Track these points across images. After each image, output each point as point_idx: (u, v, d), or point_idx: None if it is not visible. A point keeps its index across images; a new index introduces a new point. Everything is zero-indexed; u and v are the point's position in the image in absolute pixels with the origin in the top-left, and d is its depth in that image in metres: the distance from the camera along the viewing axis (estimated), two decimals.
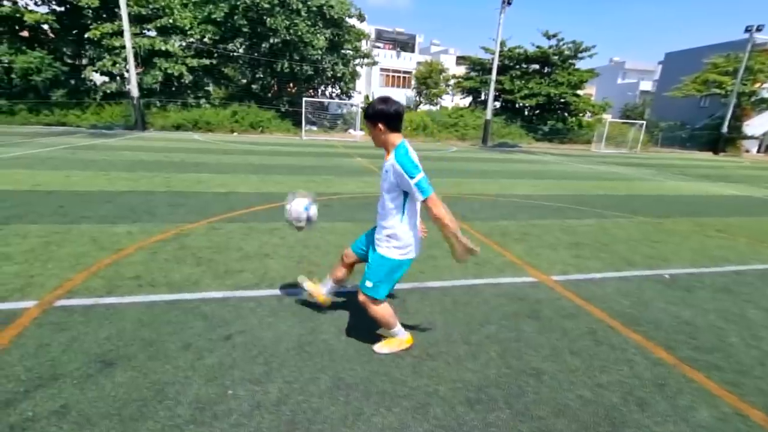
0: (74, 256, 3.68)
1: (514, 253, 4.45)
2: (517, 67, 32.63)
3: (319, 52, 23.19)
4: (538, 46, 32.04)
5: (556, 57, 31.42)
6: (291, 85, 25.79)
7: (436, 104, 37.26)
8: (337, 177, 9.26)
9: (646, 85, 52.57)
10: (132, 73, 18.97)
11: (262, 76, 23.83)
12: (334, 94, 27.79)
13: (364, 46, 29.55)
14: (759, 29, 28.88)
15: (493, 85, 25.86)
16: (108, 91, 21.06)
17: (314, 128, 24.52)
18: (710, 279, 4.01)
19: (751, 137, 36.19)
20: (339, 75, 25.14)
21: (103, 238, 4.20)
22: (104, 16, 20.31)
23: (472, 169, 12.62)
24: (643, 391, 2.21)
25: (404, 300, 3.18)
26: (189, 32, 21.81)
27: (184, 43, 21.89)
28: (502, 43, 29.53)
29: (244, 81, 25.81)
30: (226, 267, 3.62)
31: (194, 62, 21.64)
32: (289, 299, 3.09)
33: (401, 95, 39.42)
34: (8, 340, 2.36)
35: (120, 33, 18.96)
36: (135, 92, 19.11)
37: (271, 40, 22.18)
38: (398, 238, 2.19)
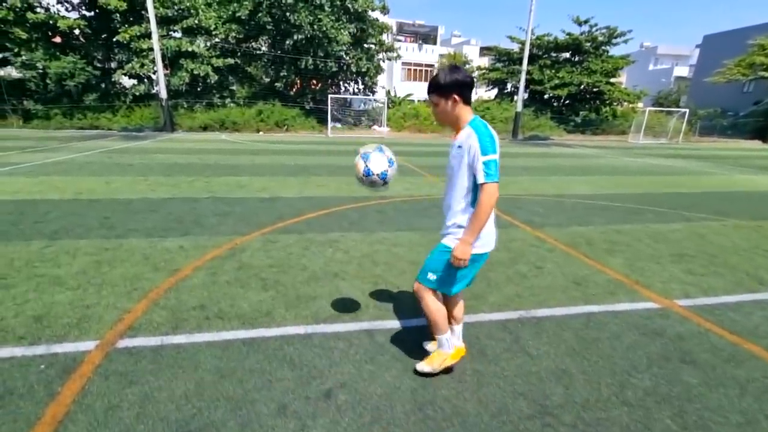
0: (129, 278, 3.30)
1: (614, 269, 3.84)
2: (546, 56, 31.35)
3: (343, 47, 22.69)
4: (568, 33, 30.64)
5: (589, 44, 29.99)
6: (314, 82, 25.41)
7: None
8: None
9: (681, 71, 50.07)
10: (160, 75, 18.92)
11: (285, 73, 23.49)
12: (357, 90, 27.29)
13: (387, 39, 28.89)
14: None
15: (524, 76, 24.81)
16: (137, 94, 21.11)
17: (339, 125, 24.11)
18: None
19: None
20: (363, 70, 24.58)
21: (156, 256, 3.82)
22: (131, 19, 20.30)
23: (515, 165, 11.90)
24: None
25: (518, 336, 2.65)
26: (214, 32, 21.63)
27: (209, 43, 21.75)
28: (533, 32, 28.38)
29: (268, 79, 25.58)
30: (297, 292, 3.17)
31: (219, 62, 21.45)
32: (382, 336, 2.60)
33: (423, 89, 38.53)
34: (71, 398, 1.95)
35: (147, 35, 18.93)
36: (164, 94, 19.07)
37: (295, 37, 21.79)
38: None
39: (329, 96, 21.40)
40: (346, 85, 26.42)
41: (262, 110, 22.30)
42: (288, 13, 21.01)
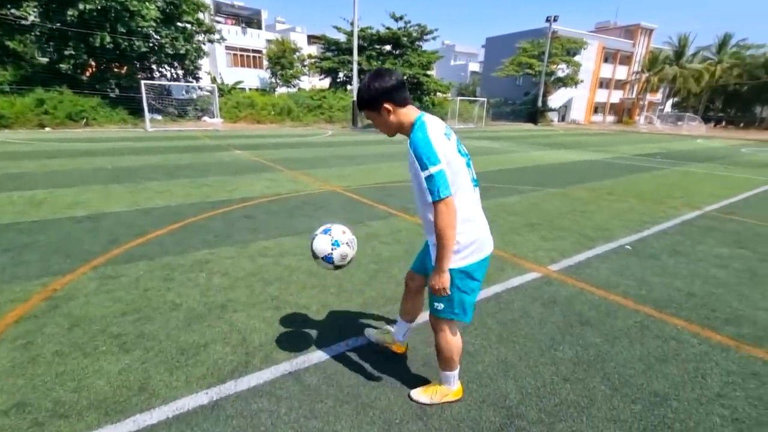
0: None
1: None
2: (371, 48, 33.16)
3: (152, 23, 19.15)
4: (388, 28, 33.03)
5: (406, 38, 32.97)
6: (118, 65, 20.82)
7: (295, 86, 35.44)
8: (233, 177, 7.68)
9: (474, 67, 59.93)
10: None
11: (73, 52, 18.49)
12: (176, 75, 23.55)
13: (205, 19, 25.70)
14: (555, 19, 35.50)
15: (355, 66, 25.63)
16: None
17: (158, 117, 20.50)
18: (655, 243, 4.47)
19: (553, 110, 45.05)
20: (181, 52, 21.36)
21: None
22: None
23: (371, 153, 12.19)
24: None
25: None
26: None
27: None
28: (353, 23, 29.45)
29: (46, 59, 19.78)
30: (176, 343, 2.38)
31: None
32: (312, 375, 2.15)
33: (253, 76, 36.21)
34: None
35: None
36: None
37: (81, 7, 17.26)
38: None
39: (142, 82, 17.82)
40: (161, 69, 22.55)
41: (43, 99, 17.15)
42: None
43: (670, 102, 50.42)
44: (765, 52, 41.81)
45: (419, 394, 1.98)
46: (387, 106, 1.60)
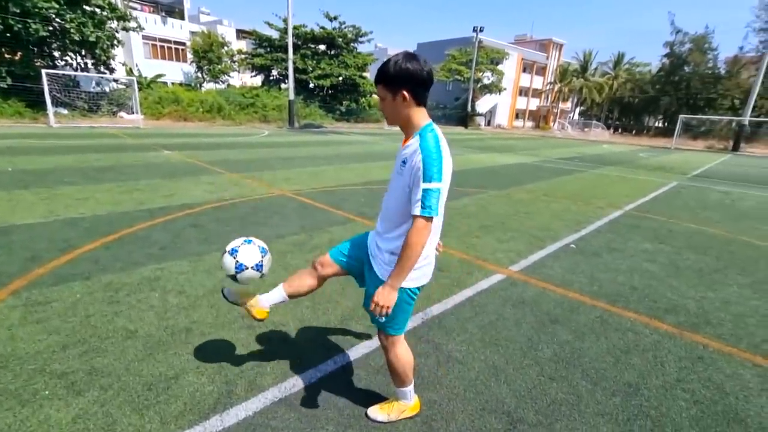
0: None
1: (453, 248, 4.31)
2: (305, 46, 32.46)
3: (54, 5, 16.85)
4: (322, 27, 32.60)
5: (341, 39, 32.78)
6: (8, 50, 17.95)
7: (224, 82, 33.48)
8: (167, 180, 6.99)
9: None
10: None
11: None
12: (85, 65, 20.92)
13: (118, 4, 23.20)
14: (482, 30, 37.69)
15: (291, 64, 24.89)
16: None
17: (64, 111, 18.08)
18: (594, 241, 4.92)
19: (481, 114, 47.88)
20: (91, 40, 19.04)
21: None
22: None
23: (314, 154, 11.88)
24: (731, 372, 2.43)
25: (436, 344, 2.56)
26: None
27: None
28: (286, 21, 28.57)
29: None
30: (141, 378, 2.08)
31: None
32: (306, 396, 2.01)
33: (176, 70, 33.56)
34: None
35: None
36: None
37: None
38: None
39: (43, 71, 15.55)
40: (66, 57, 19.92)
41: None
42: None
43: (577, 110, 56.21)
44: (650, 69, 48.48)
45: (376, 412, 1.90)
46: (405, 93, 1.47)
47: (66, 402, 1.89)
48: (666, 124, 45.40)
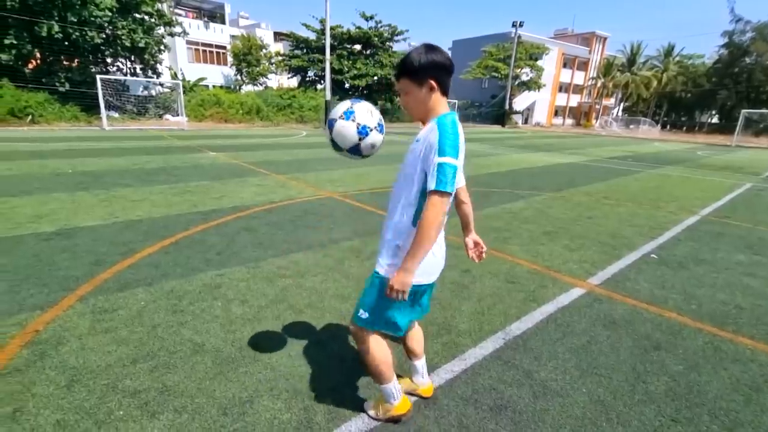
0: None
1: (519, 257, 3.98)
2: (341, 47, 32.63)
3: (108, 13, 17.71)
4: (358, 27, 32.67)
5: (377, 38, 32.72)
6: (67, 57, 19.06)
7: (262, 84, 34.21)
8: (215, 182, 7.05)
9: None
10: None
11: (15, 41, 16.71)
12: (132, 70, 21.94)
13: (165, 10, 24.19)
14: (521, 25, 36.51)
15: (328, 65, 25.02)
16: None
17: (115, 114, 19.01)
18: (676, 251, 4.43)
19: (518, 112, 46.45)
20: (140, 45, 19.90)
21: None
22: None
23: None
24: None
25: (527, 371, 2.28)
26: None
27: None
28: (323, 21, 28.79)
29: None
30: (213, 400, 1.94)
31: None
32: (410, 429, 1.79)
33: (217, 73, 34.65)
34: None
35: None
36: None
37: None
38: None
39: (98, 77, 16.38)
40: (118, 63, 20.94)
41: None
42: None
43: (621, 106, 53.41)
44: (704, 61, 45.26)
45: (370, 405, 1.90)
46: (433, 82, 1.44)
47: (141, 425, 1.76)
48: (722, 120, 42.22)
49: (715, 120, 45.86)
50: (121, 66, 21.37)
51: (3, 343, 2.30)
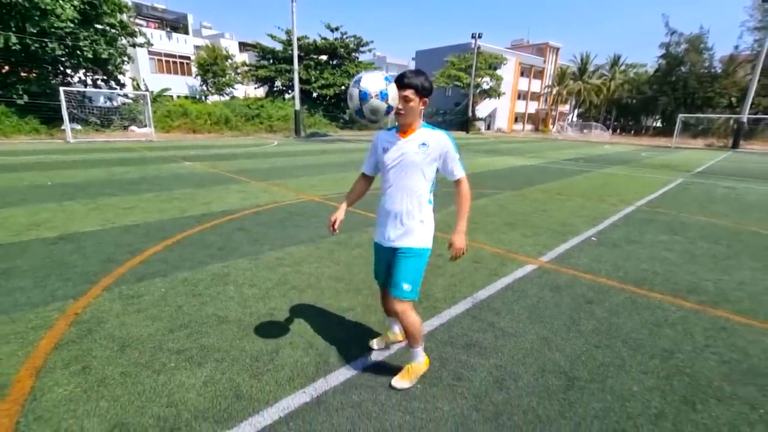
0: None
1: (484, 243, 4.65)
2: (308, 57, 33.08)
3: (69, 24, 17.39)
4: (324, 38, 33.26)
5: (343, 49, 33.42)
6: (25, 69, 18.47)
7: (228, 94, 34.03)
8: (200, 190, 7.37)
9: None
10: None
11: None
12: (92, 81, 21.42)
13: (126, 21, 23.80)
14: (480, 36, 38.35)
15: (297, 75, 25.43)
16: None
17: (78, 127, 18.54)
18: (612, 234, 5.26)
19: (481, 119, 48.41)
20: (103, 57, 19.56)
21: None
22: None
23: (326, 162, 12.27)
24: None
25: (490, 322, 2.90)
26: None
27: None
28: (289, 32, 29.19)
29: None
30: (246, 354, 2.42)
31: None
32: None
33: (181, 83, 34.19)
34: None
35: None
36: None
37: None
38: (431, 222, 2.11)
39: (61, 89, 16.03)
40: (79, 74, 20.43)
41: None
42: None
43: (576, 112, 56.81)
44: (646, 69, 49.11)
45: (400, 381, 2.16)
46: (426, 100, 1.96)
47: (192, 372, 2.23)
48: (664, 123, 45.84)
49: (658, 124, 49.65)
50: (82, 77, 20.85)
51: (48, 323, 2.68)
